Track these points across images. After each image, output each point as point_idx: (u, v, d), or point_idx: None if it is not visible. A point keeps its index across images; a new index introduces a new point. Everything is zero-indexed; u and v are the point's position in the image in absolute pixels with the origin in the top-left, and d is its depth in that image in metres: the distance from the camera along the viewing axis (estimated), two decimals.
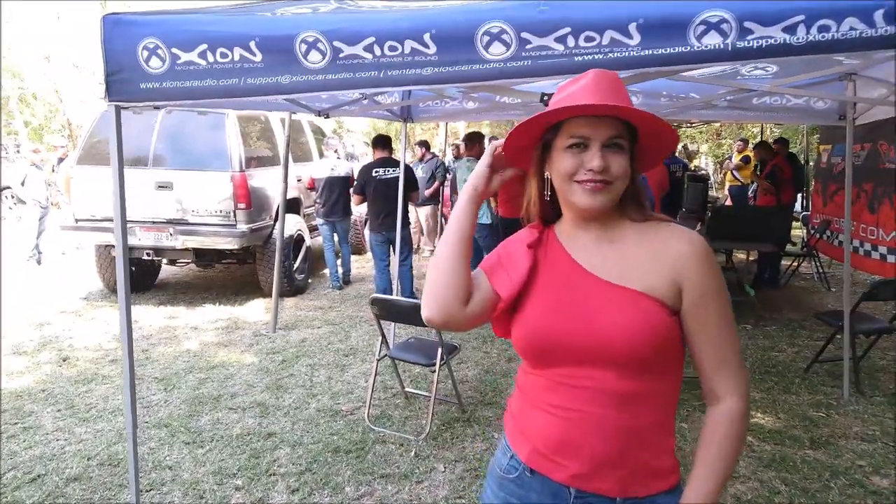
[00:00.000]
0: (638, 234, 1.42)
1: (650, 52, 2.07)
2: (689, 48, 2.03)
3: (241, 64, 2.51)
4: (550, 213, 1.52)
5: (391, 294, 6.89)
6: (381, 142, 7.34)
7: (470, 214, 1.47)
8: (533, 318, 1.40)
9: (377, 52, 2.35)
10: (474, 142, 7.71)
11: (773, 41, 1.96)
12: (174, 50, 2.56)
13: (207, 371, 5.45)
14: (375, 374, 4.49)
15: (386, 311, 4.30)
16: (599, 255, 1.42)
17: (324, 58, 2.41)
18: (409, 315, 4.22)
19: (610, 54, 2.10)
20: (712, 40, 2.01)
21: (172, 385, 5.15)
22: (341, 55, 2.40)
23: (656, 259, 1.37)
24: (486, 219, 7.31)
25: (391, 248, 7.30)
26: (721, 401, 1.38)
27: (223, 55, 2.52)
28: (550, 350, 1.37)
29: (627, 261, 1.39)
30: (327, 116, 4.84)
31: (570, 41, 2.14)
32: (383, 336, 4.46)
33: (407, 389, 4.88)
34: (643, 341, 1.30)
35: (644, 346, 1.31)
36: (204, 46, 2.52)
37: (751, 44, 1.97)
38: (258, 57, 2.49)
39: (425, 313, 1.44)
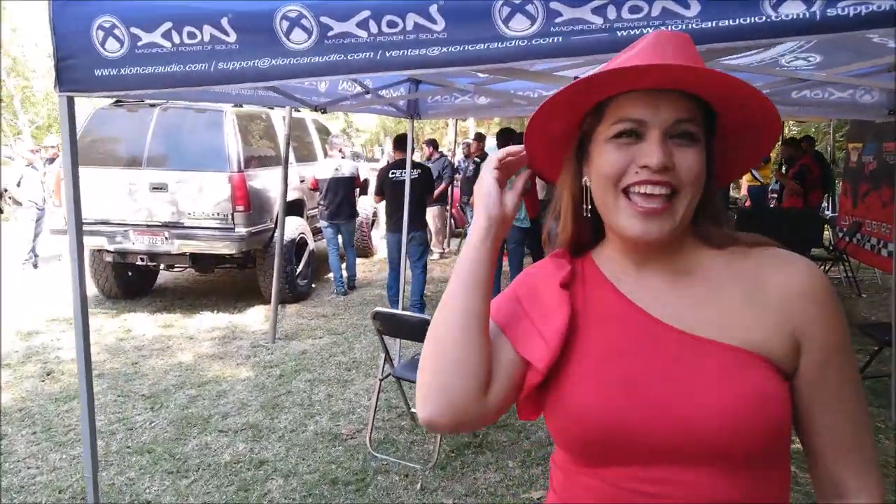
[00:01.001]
0: (725, 265, 1.00)
1: (713, 24, 1.65)
2: (763, 18, 1.61)
3: (213, 45, 2.11)
4: (589, 236, 1.09)
5: (398, 294, 6.48)
6: (398, 142, 7.19)
7: (485, 253, 1.01)
8: (584, 396, 0.95)
9: (373, 28, 1.94)
10: (506, 139, 7.17)
11: (874, 8, 1.54)
12: (134, 30, 2.16)
13: (199, 387, 5.06)
14: (378, 396, 4.08)
15: (389, 326, 3.89)
16: (671, 297, 1.00)
17: (309, 37, 2.01)
18: (415, 331, 3.81)
19: (662, 28, 1.68)
20: (793, 9, 1.59)
21: (160, 403, 4.76)
22: (330, 34, 1.99)
23: (758, 301, 0.96)
24: (526, 221, 6.77)
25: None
26: (848, 497, 0.97)
27: (191, 35, 2.12)
28: (614, 444, 0.93)
29: (716, 306, 0.97)
30: (324, 111, 4.44)
31: (611, 12, 1.72)
32: (387, 353, 4.05)
33: (413, 410, 4.46)
34: (757, 422, 0.88)
35: (759, 428, 0.89)
36: (168, 25, 2.12)
37: (845, 11, 1.55)
38: (232, 37, 2.09)
39: (426, 413, 0.97)
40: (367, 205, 10.05)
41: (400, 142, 7.08)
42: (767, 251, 1.01)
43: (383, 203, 7.21)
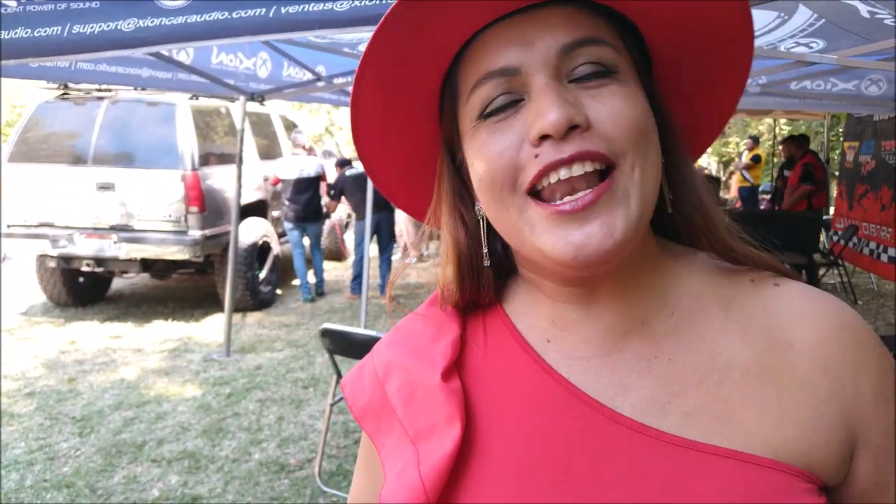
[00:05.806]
0: (721, 308, 0.60)
1: None
2: None
3: (67, 4, 1.63)
4: (486, 289, 0.66)
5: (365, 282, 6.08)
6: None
7: None
8: None
9: None
10: None
11: None
12: None
13: (137, 408, 4.56)
14: (328, 422, 3.62)
15: (337, 344, 3.43)
16: (638, 369, 0.59)
17: None
18: (366, 350, 3.34)
19: None
20: None
21: (91, 427, 4.26)
22: None
23: (781, 372, 0.57)
24: None
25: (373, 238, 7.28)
26: None
27: None
28: None
29: (714, 382, 0.57)
30: (262, 101, 3.95)
31: None
32: (338, 374, 3.59)
33: None
34: None
35: None
36: None
37: None
38: None
39: None
40: (342, 206, 9.58)
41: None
42: (777, 289, 0.60)
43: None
